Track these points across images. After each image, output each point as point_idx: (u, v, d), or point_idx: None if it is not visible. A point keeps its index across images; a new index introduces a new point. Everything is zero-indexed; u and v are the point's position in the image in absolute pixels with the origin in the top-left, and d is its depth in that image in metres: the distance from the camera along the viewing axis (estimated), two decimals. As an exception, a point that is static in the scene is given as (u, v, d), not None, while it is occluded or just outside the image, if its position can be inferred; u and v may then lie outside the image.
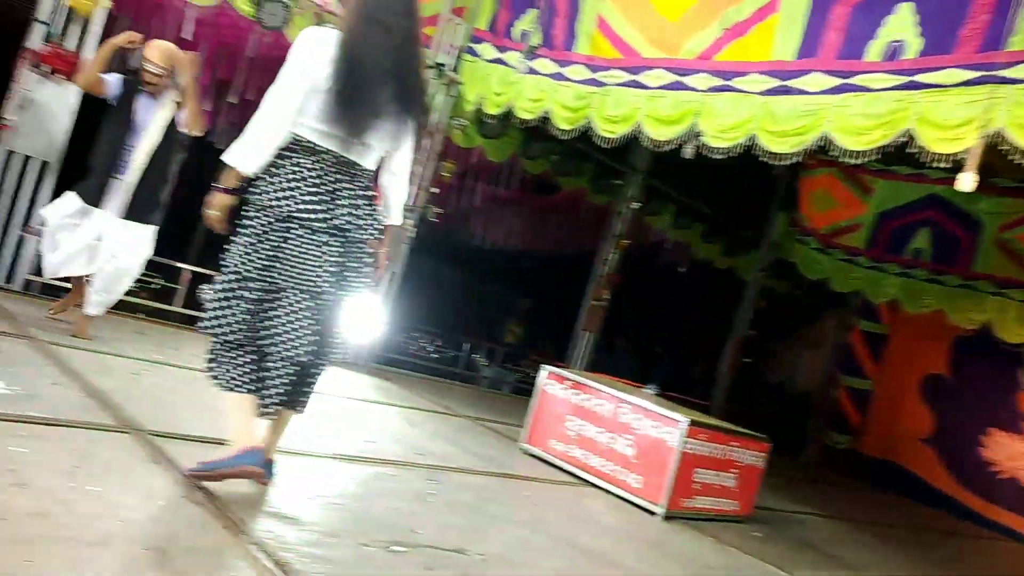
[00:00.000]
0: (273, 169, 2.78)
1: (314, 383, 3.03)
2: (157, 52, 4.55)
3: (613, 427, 4.82)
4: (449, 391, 7.35)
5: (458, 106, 7.59)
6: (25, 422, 2.86)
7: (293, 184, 2.77)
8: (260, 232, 2.76)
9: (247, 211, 2.81)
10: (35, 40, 5.31)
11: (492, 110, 7.20)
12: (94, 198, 4.51)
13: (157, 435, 3.18)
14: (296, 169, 2.78)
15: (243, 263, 2.76)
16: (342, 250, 2.87)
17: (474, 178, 9.31)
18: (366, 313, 6.27)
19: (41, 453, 2.62)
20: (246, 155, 2.72)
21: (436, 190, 7.32)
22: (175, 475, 2.81)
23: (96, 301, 4.62)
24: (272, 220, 2.76)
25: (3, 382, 3.22)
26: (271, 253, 2.77)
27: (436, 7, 7.39)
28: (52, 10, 5.34)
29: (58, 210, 4.54)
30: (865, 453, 10.27)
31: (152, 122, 4.59)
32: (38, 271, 5.04)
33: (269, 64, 7.59)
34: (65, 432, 2.91)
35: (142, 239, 4.67)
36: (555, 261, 10.97)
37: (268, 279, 2.78)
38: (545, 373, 5.25)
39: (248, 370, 2.83)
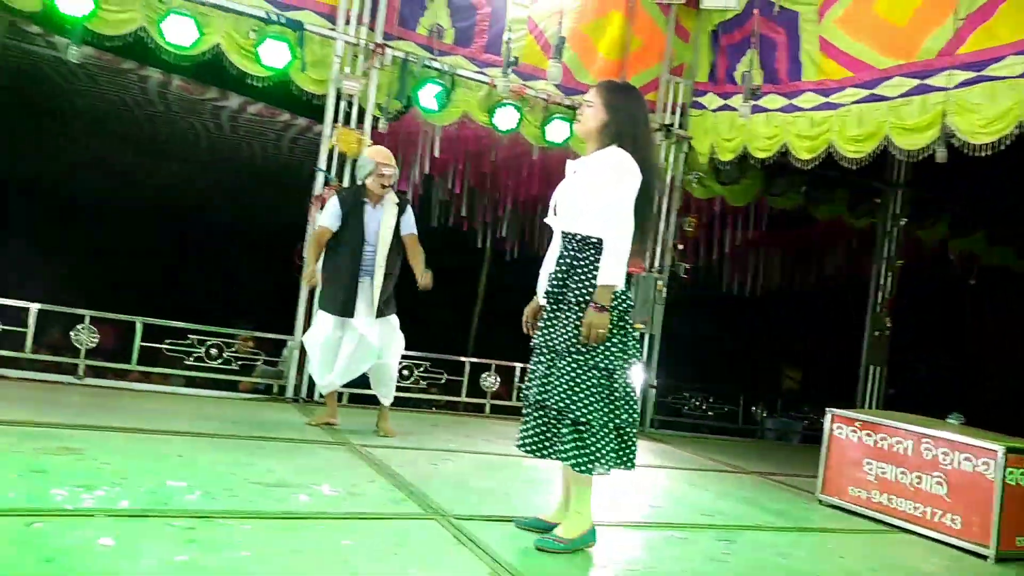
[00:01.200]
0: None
1: None
2: (386, 155, 4.95)
3: (917, 465, 4.44)
4: (731, 448, 7.16)
5: (691, 160, 7.65)
6: (350, 518, 3.28)
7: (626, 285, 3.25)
8: (626, 331, 3.23)
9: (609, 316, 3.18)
10: (318, 186, 6.21)
11: (726, 156, 7.16)
12: (347, 308, 4.90)
13: (460, 518, 3.48)
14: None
15: (613, 361, 3.19)
16: None
17: (721, 227, 9.19)
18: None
19: (366, 544, 2.99)
20: (620, 274, 3.14)
21: (681, 247, 7.35)
22: (480, 553, 3.05)
23: (384, 394, 5.20)
24: (618, 318, 3.20)
25: (329, 485, 3.72)
26: (624, 346, 3.23)
27: (654, 72, 7.59)
28: (327, 158, 6.23)
29: (318, 334, 5.01)
30: None
31: (382, 227, 4.96)
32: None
33: (510, 163, 8.19)
34: (383, 523, 3.30)
35: (394, 329, 5.12)
36: (824, 296, 10.37)
37: (626, 368, 3.26)
38: (830, 417, 4.99)
39: (616, 449, 3.23)
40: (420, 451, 4.90)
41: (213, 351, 6.14)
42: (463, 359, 7.02)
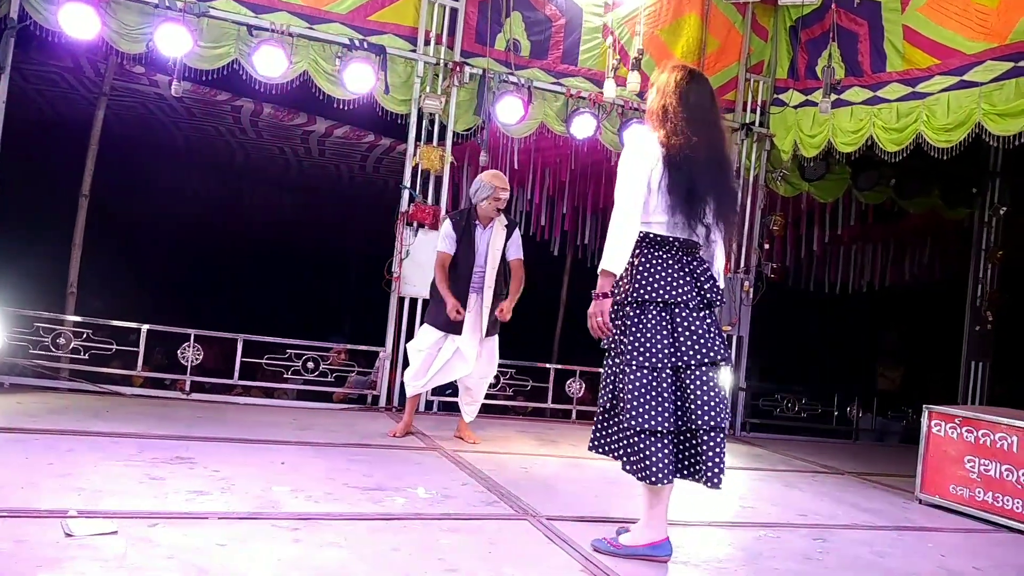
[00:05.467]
0: (637, 265, 3.07)
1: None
2: (504, 179, 5.05)
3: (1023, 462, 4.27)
4: (825, 449, 6.99)
5: (774, 157, 7.55)
6: (445, 519, 3.40)
7: (658, 274, 3.05)
8: (652, 324, 3.02)
9: (628, 310, 3.06)
10: (404, 203, 6.42)
11: (810, 152, 7.05)
12: (455, 326, 4.96)
13: (550, 519, 3.55)
14: (655, 260, 3.06)
15: (650, 355, 3.00)
16: (714, 320, 3.13)
17: (809, 224, 8.99)
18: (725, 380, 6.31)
19: (462, 543, 3.10)
20: (616, 259, 2.94)
21: (767, 245, 7.25)
22: (571, 552, 3.12)
23: (469, 412, 5.32)
24: (656, 310, 3.03)
25: (423, 488, 3.86)
26: (669, 339, 3.02)
27: (732, 72, 7.54)
28: (411, 175, 6.43)
29: (422, 344, 5.12)
30: None
31: (491, 248, 5.03)
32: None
33: (587, 169, 8.25)
34: (477, 523, 3.40)
35: (493, 350, 5.20)
36: (922, 291, 10.00)
37: (674, 362, 3.02)
38: (928, 414, 4.85)
39: (673, 459, 3.00)
40: (509, 455, 5.00)
41: (310, 364, 6.40)
42: (548, 366, 7.11)
